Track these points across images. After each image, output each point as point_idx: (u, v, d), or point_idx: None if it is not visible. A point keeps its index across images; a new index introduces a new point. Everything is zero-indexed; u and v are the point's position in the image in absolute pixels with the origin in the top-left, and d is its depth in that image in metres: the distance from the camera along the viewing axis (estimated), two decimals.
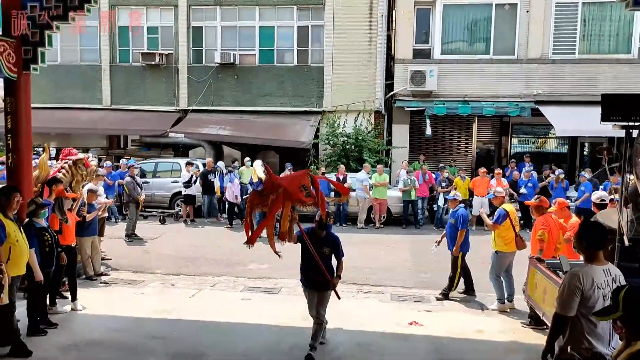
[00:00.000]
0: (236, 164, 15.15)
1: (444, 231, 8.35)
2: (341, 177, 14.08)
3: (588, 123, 13.51)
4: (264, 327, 6.61)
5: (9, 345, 5.54)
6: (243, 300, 7.76)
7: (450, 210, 8.25)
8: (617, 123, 4.70)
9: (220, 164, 15.24)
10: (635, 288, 2.66)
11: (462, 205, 8.21)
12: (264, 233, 5.46)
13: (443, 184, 14.00)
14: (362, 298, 8.01)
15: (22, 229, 5.78)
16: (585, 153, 18.69)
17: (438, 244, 8.32)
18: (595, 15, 16.06)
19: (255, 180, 12.67)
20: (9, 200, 5.59)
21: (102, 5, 17.36)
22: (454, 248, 7.83)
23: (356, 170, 15.08)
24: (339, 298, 5.78)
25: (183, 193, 14.25)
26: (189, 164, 14.50)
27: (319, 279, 5.61)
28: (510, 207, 7.67)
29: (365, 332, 6.37)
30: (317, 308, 5.70)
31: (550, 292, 5.26)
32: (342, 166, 14.84)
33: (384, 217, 13.99)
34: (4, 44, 6.83)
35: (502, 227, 7.39)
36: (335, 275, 5.71)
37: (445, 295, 7.88)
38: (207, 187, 14.14)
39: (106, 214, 10.48)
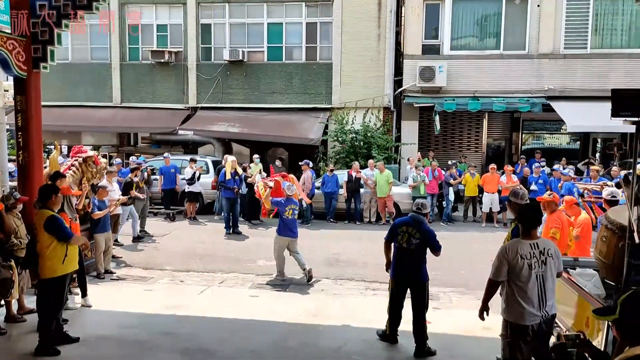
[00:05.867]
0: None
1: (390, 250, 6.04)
2: (354, 174, 14.02)
3: (600, 119, 13.31)
4: (272, 324, 6.63)
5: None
6: (251, 297, 7.79)
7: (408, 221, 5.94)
8: (627, 119, 4.62)
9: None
10: (636, 294, 2.64)
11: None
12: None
13: (451, 180, 14.01)
14: (370, 295, 8.01)
15: None
16: (597, 149, 18.49)
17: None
18: (608, 9, 15.86)
19: (228, 176, 12.63)
20: (57, 196, 5.66)
21: (112, 3, 17.50)
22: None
23: (365, 167, 15.04)
24: None
25: (186, 190, 14.30)
26: (192, 160, 14.55)
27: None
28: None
29: (372, 329, 6.35)
30: None
31: (557, 290, 5.20)
32: (356, 164, 14.51)
33: (392, 213, 13.95)
34: (13, 43, 6.90)
35: None
36: None
37: (383, 337, 6.13)
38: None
39: (120, 211, 10.57)
